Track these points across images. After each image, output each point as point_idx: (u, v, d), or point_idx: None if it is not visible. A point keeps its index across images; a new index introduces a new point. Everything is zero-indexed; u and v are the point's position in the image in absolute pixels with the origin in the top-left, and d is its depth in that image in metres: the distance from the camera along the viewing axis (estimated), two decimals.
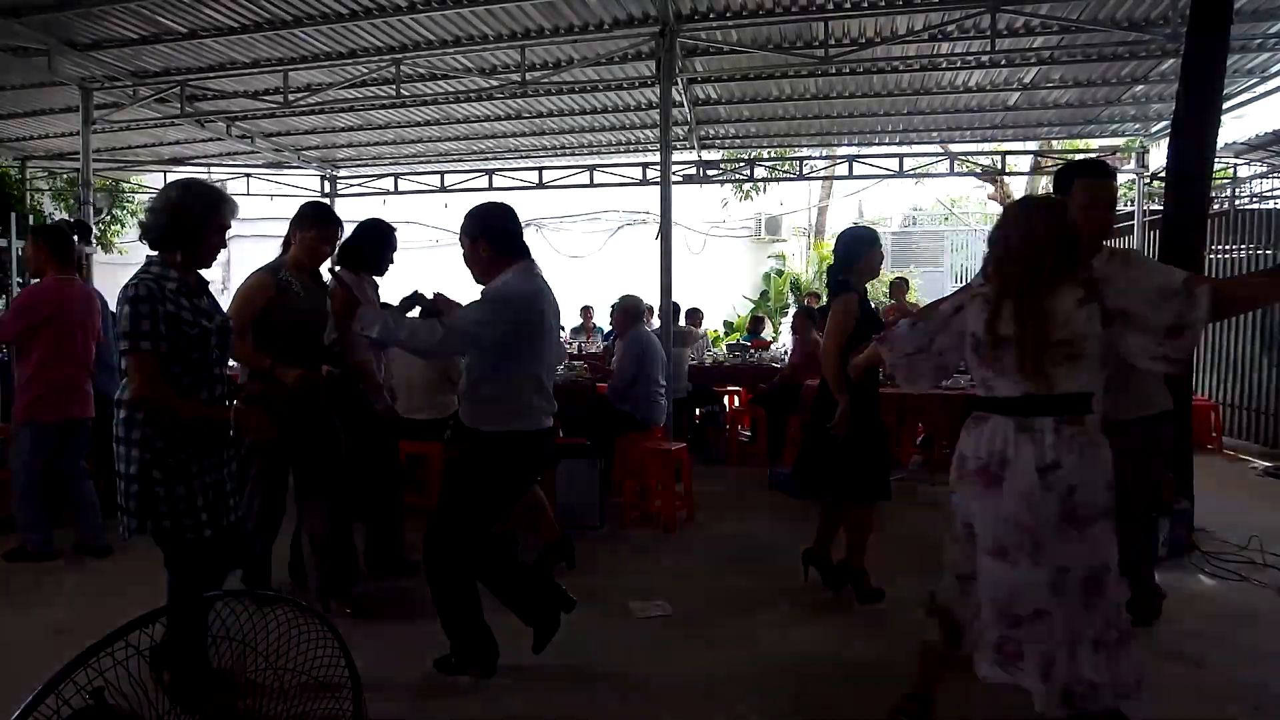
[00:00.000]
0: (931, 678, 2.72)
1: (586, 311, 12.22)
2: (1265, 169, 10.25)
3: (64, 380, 4.33)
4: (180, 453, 2.53)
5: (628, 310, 6.28)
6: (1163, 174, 7.26)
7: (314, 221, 3.58)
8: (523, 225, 3.19)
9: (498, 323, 2.90)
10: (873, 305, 4.27)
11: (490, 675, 3.08)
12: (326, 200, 12.54)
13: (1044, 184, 15.36)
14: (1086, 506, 2.25)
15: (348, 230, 3.93)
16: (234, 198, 2.76)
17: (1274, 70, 7.89)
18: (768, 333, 13.04)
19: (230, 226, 2.65)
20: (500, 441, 2.98)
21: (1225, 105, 7.20)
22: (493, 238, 3.03)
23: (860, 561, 3.96)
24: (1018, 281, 2.33)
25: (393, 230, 4.22)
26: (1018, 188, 15.10)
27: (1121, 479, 2.37)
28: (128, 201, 14.13)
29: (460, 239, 3.09)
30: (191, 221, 2.54)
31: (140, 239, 2.63)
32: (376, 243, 4.12)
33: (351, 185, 13.03)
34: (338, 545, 3.66)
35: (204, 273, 2.76)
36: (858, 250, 3.92)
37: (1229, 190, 10.61)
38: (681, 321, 9.22)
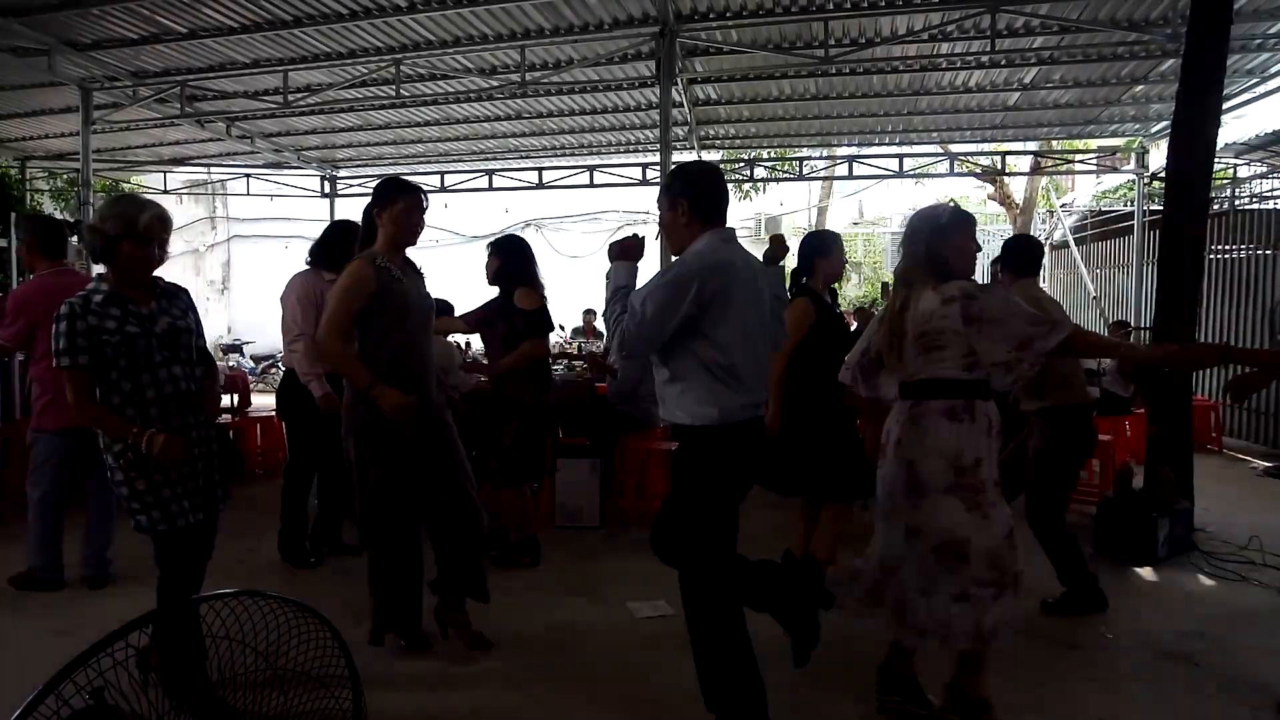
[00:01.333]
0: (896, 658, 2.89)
1: (589, 315, 12.21)
2: (1265, 169, 10.26)
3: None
4: (133, 450, 2.63)
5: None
6: (1163, 174, 7.26)
7: (396, 191, 3.15)
8: (520, 223, 3.03)
9: (671, 294, 2.49)
10: (837, 308, 4.30)
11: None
12: (314, 204, 12.54)
13: (1043, 184, 15.39)
14: (925, 478, 2.60)
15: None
16: (166, 210, 2.76)
17: (1274, 70, 7.89)
18: None
19: (158, 238, 2.69)
20: (696, 435, 2.57)
21: (1225, 105, 7.21)
22: (698, 202, 2.65)
23: (829, 556, 3.96)
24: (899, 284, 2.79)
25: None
26: (1017, 187, 15.11)
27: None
28: None
29: (659, 199, 2.75)
30: (104, 241, 2.66)
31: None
32: (348, 242, 4.05)
33: (351, 185, 13.03)
34: (469, 586, 3.36)
35: (205, 270, 2.77)
36: (812, 255, 3.97)
37: (1229, 190, 10.62)
38: None
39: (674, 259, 2.70)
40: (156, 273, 2.79)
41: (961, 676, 2.72)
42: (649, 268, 2.78)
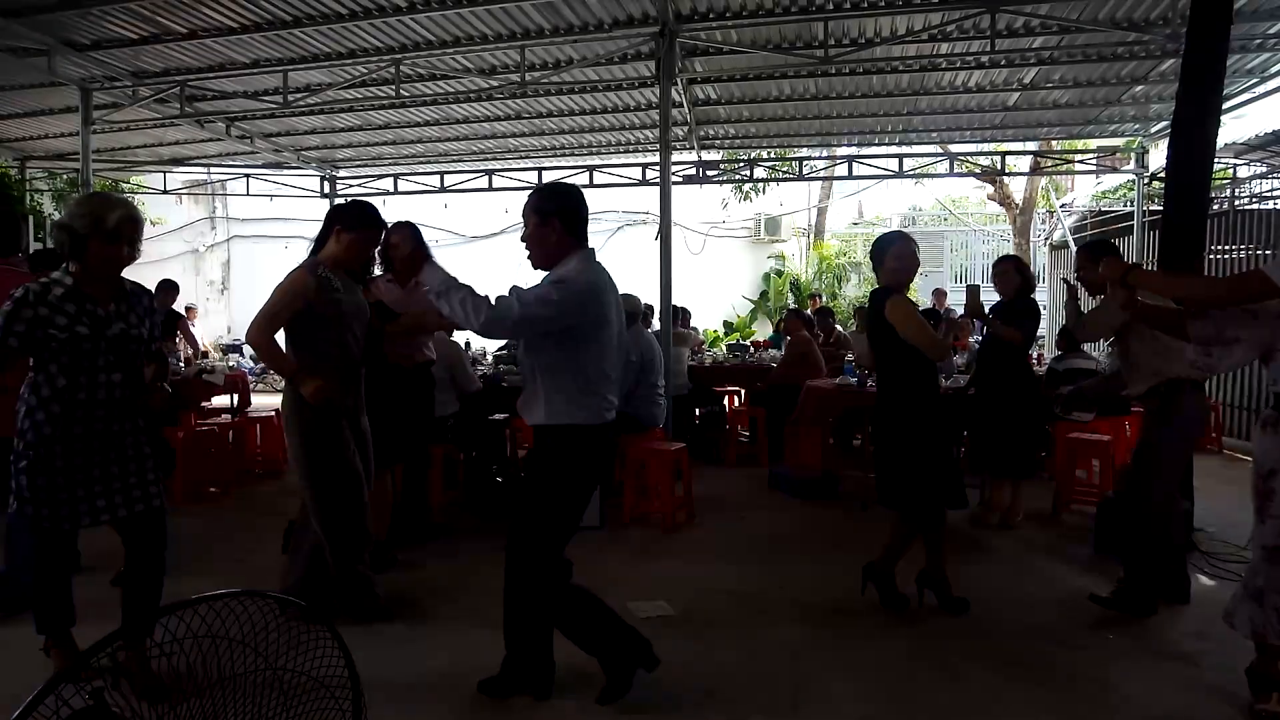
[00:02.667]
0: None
1: None
2: (1265, 169, 10.25)
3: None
4: (47, 445, 2.69)
5: (631, 311, 6.27)
6: (1162, 174, 7.25)
7: (360, 222, 3.48)
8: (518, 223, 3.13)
9: (564, 308, 2.70)
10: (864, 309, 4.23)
11: (545, 698, 2.98)
12: (313, 204, 12.54)
13: (1043, 184, 15.38)
14: None
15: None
16: (136, 210, 2.79)
17: (1274, 70, 7.89)
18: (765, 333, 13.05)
19: (127, 237, 2.71)
20: (564, 435, 2.81)
21: (1225, 105, 7.21)
22: (568, 220, 2.82)
23: (891, 565, 3.85)
24: None
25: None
26: (1017, 188, 15.11)
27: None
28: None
29: (525, 215, 2.88)
30: (74, 237, 2.68)
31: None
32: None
33: (351, 185, 13.03)
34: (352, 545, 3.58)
35: (205, 271, 2.79)
36: (875, 262, 3.89)
37: (1229, 190, 10.61)
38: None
39: (550, 274, 2.84)
40: (126, 272, 2.84)
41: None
42: (649, 268, 2.81)
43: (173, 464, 4.79)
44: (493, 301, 2.67)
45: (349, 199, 3.72)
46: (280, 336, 3.42)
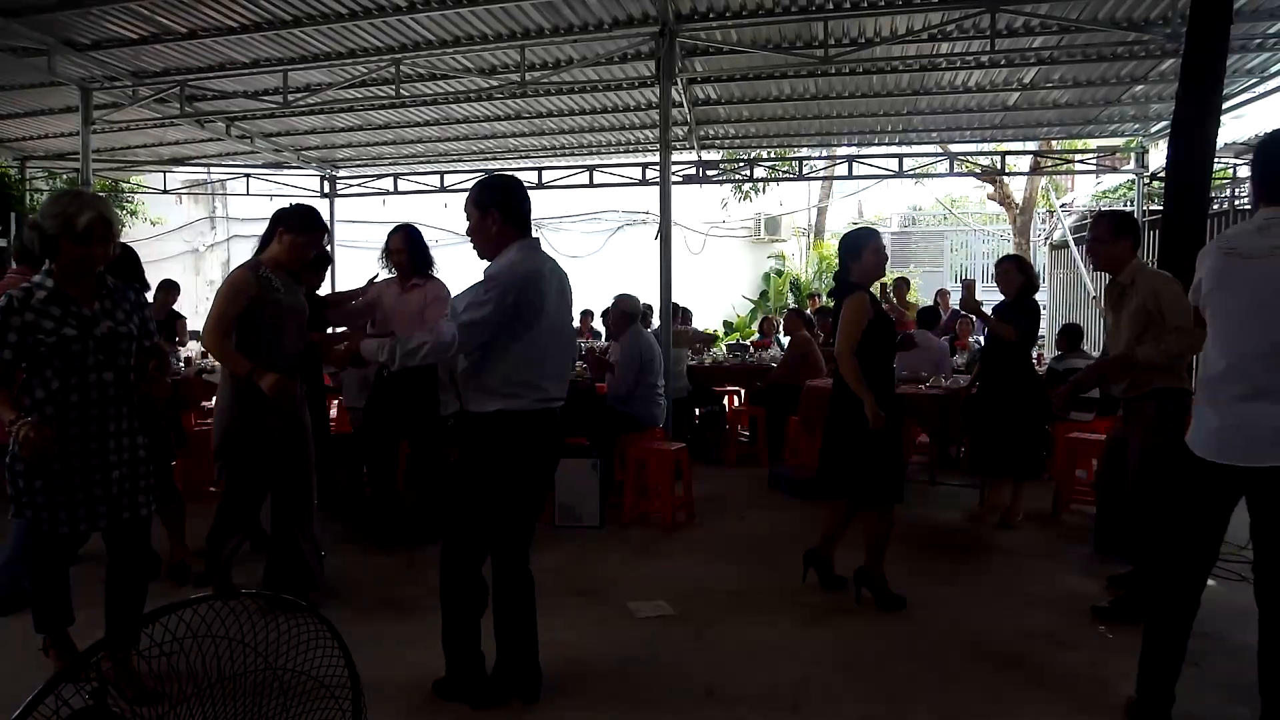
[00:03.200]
0: None
1: (586, 316, 12.19)
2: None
3: None
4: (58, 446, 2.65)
5: (624, 311, 6.28)
6: (1162, 174, 7.25)
7: (302, 226, 3.63)
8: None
9: (500, 304, 2.73)
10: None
11: (479, 707, 2.91)
12: (313, 204, 12.55)
13: (1043, 184, 15.38)
14: None
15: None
16: (109, 208, 2.75)
17: (1274, 70, 7.89)
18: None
19: (100, 237, 2.66)
20: (489, 422, 2.82)
21: (1225, 105, 7.21)
22: (507, 210, 2.87)
23: (879, 567, 3.91)
24: None
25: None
26: (1017, 187, 15.11)
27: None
28: (127, 201, 14.13)
29: (467, 209, 2.93)
30: (44, 237, 2.65)
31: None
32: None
33: (351, 185, 13.04)
34: (288, 543, 3.76)
35: (205, 270, 2.78)
36: (846, 256, 3.93)
37: (1229, 190, 10.61)
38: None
39: (486, 267, 2.89)
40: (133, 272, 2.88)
41: None
42: (649, 268, 2.82)
43: (180, 446, 4.79)
44: (433, 334, 2.78)
45: (294, 203, 3.82)
46: None
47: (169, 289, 8.15)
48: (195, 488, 5.84)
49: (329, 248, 3.86)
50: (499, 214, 2.86)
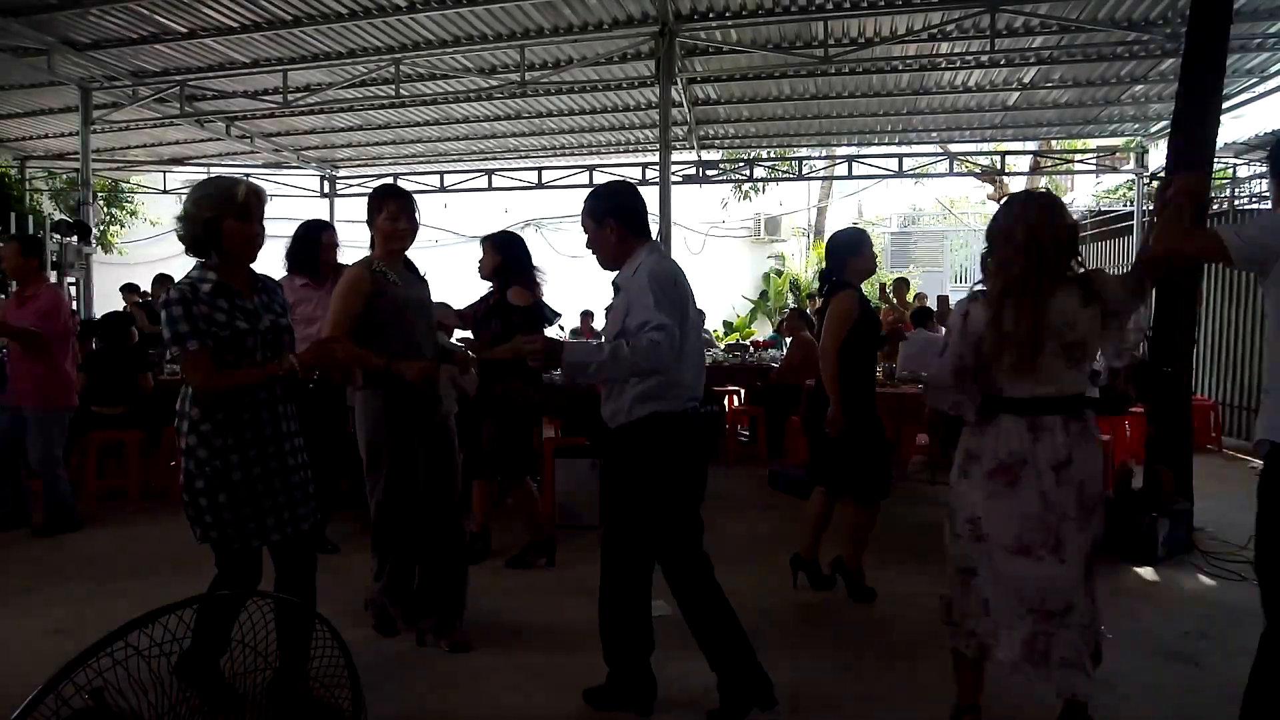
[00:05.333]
0: (971, 686, 2.69)
1: (586, 317, 12.19)
2: (1264, 169, 10.25)
3: None
4: (222, 458, 2.48)
5: None
6: (1162, 174, 7.25)
7: (381, 201, 3.28)
8: (519, 223, 3.13)
9: (672, 299, 2.64)
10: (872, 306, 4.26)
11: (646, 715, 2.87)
12: (313, 204, 12.54)
13: (1043, 184, 15.38)
14: (1093, 496, 2.36)
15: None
16: (257, 186, 2.59)
17: (1273, 70, 7.90)
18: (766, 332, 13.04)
19: (255, 217, 2.53)
20: (649, 427, 2.71)
21: (1225, 105, 7.21)
22: (625, 217, 2.81)
23: (856, 560, 3.98)
24: (1019, 279, 2.34)
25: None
26: (1016, 188, 15.11)
27: None
28: (126, 201, 14.13)
29: (584, 221, 2.90)
30: (201, 227, 2.48)
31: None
32: (518, 253, 4.31)
33: (351, 185, 13.03)
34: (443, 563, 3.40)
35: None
36: (844, 252, 3.94)
37: (1229, 190, 10.61)
38: None
39: (621, 271, 2.82)
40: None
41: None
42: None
43: (334, 480, 4.85)
44: (634, 346, 2.53)
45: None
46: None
47: (163, 282, 8.13)
48: None
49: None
50: (615, 221, 2.81)
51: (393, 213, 3.24)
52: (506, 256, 4.38)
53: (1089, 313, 2.31)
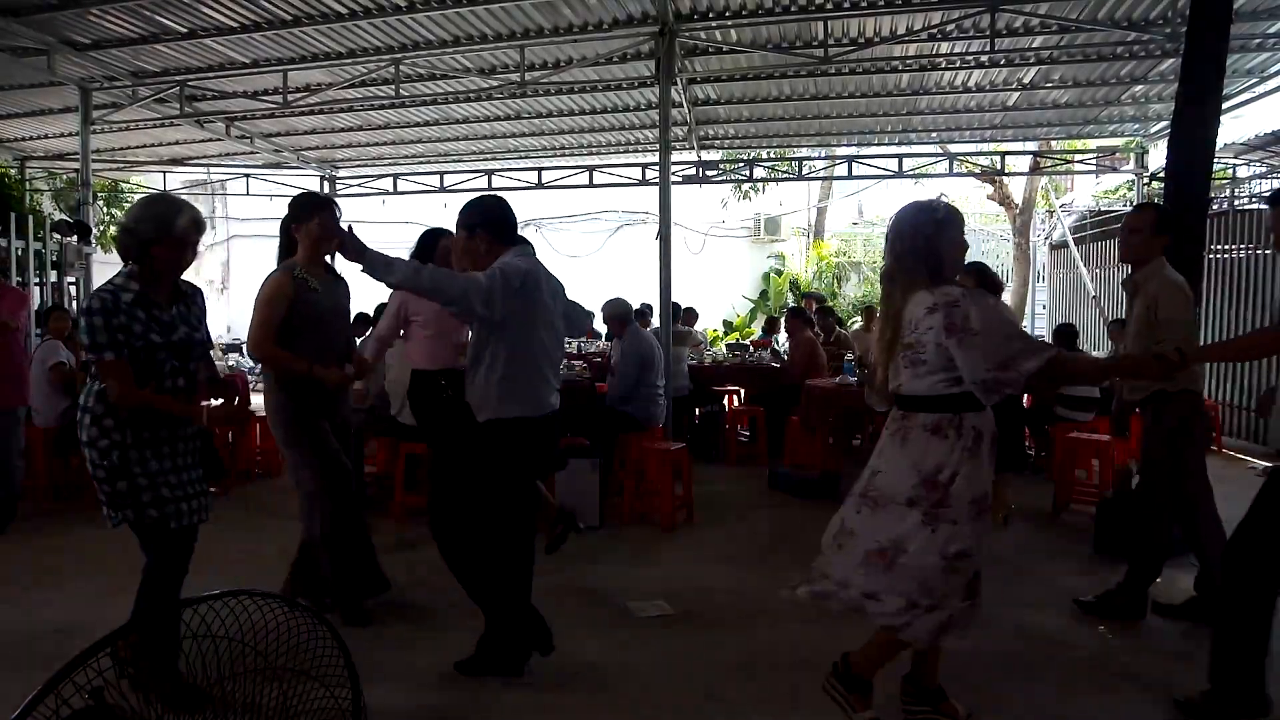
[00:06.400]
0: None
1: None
2: (1264, 169, 10.26)
3: None
4: (145, 449, 2.64)
5: (619, 316, 6.28)
6: (1162, 174, 7.25)
7: (311, 209, 3.47)
8: (519, 222, 3.18)
9: (506, 292, 2.82)
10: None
11: (518, 675, 3.06)
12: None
13: (1043, 184, 15.38)
14: (882, 490, 2.56)
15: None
16: (200, 212, 2.75)
17: (1273, 70, 7.90)
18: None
19: (192, 241, 2.68)
20: (506, 429, 2.93)
21: (1225, 105, 7.21)
22: (492, 228, 3.02)
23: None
24: (885, 285, 2.63)
25: (439, 234, 4.35)
26: (1017, 188, 15.10)
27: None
28: (126, 201, 14.13)
29: (455, 232, 3.08)
30: (137, 243, 2.63)
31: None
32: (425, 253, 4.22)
33: (351, 185, 13.04)
34: (348, 548, 3.59)
35: (205, 270, 2.77)
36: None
37: (1228, 190, 10.62)
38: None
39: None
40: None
41: (915, 669, 2.78)
42: (649, 268, 2.83)
43: (223, 470, 4.92)
44: (441, 271, 2.84)
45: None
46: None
47: None
48: None
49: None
50: (486, 233, 3.00)
51: (324, 224, 3.41)
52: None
53: (928, 320, 2.44)
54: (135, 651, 2.48)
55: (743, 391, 9.06)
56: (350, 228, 2.92)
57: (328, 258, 3.55)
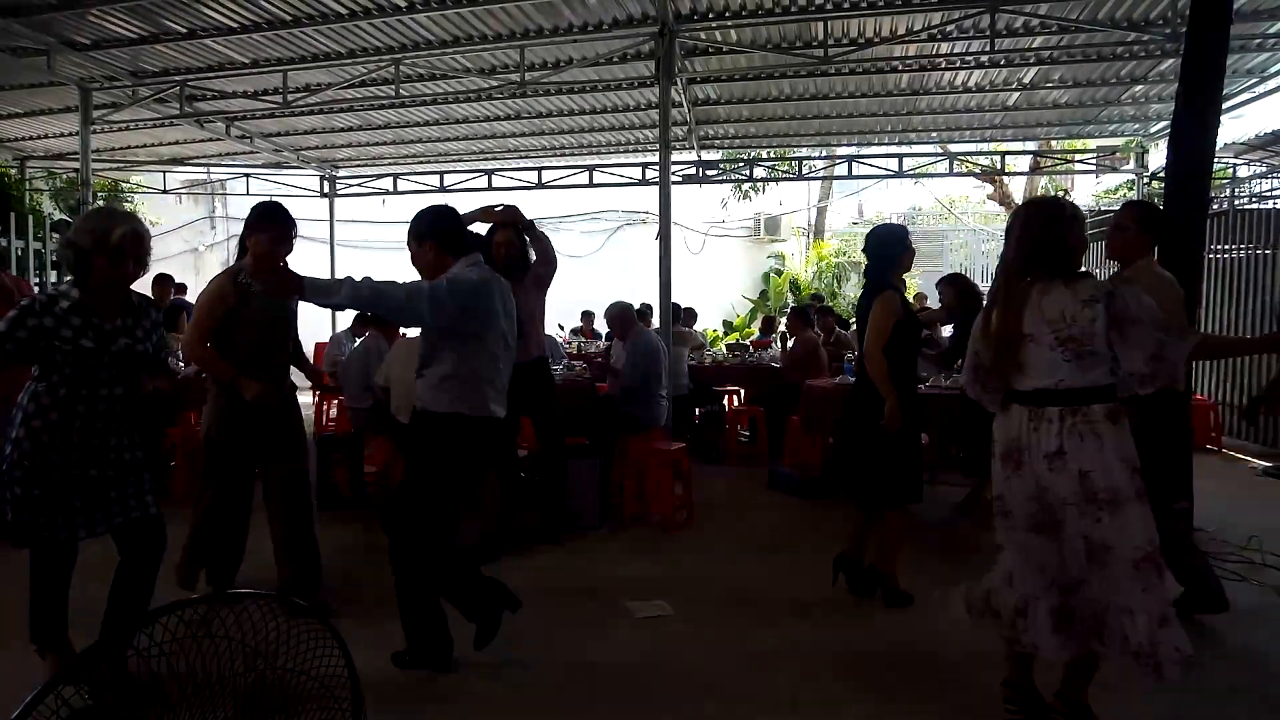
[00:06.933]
0: (1023, 667, 2.77)
1: (587, 317, 12.17)
2: (1264, 169, 10.26)
3: None
4: (43, 455, 2.66)
5: (623, 318, 6.28)
6: (1162, 174, 7.25)
7: (267, 222, 3.53)
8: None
9: (454, 298, 2.92)
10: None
11: (445, 671, 3.11)
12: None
13: (1043, 184, 15.39)
14: (1103, 490, 2.42)
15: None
16: (142, 225, 2.78)
17: (1273, 70, 7.89)
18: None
19: (132, 255, 2.71)
20: (444, 423, 3.03)
21: (1225, 105, 7.21)
22: (440, 237, 3.11)
23: (891, 565, 3.92)
24: (1005, 278, 2.58)
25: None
26: (1017, 187, 15.11)
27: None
28: (126, 201, 14.11)
29: (408, 241, 3.17)
30: (74, 255, 2.70)
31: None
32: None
33: (351, 185, 13.04)
34: (300, 547, 3.74)
35: (205, 270, 2.81)
36: (896, 250, 3.89)
37: (1228, 190, 10.61)
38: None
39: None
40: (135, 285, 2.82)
41: (1071, 684, 2.70)
42: (648, 267, 2.83)
43: (165, 474, 5.01)
44: (382, 283, 2.83)
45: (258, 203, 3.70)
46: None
47: (163, 283, 8.14)
48: (194, 488, 5.82)
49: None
50: (434, 243, 3.10)
51: (278, 236, 3.50)
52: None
53: (1089, 312, 2.42)
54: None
55: (743, 391, 9.06)
56: (286, 263, 3.10)
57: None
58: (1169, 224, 3.81)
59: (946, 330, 6.68)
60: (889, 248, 3.88)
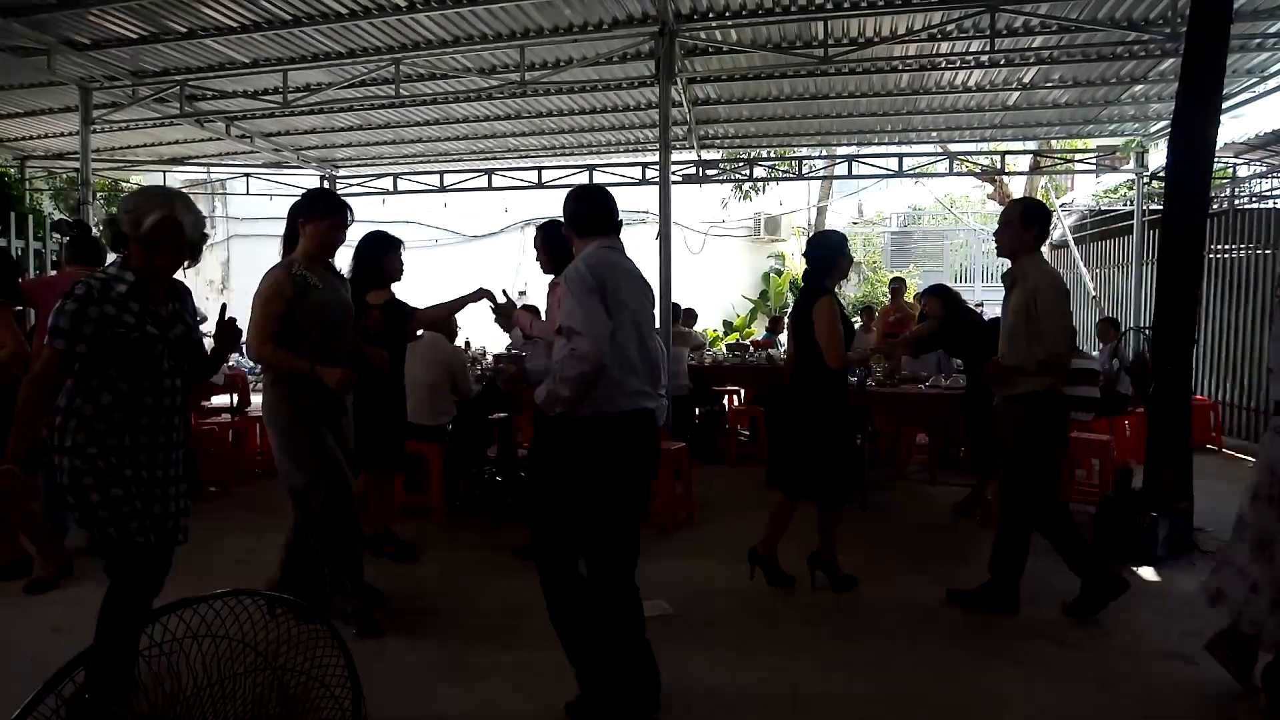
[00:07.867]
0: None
1: None
2: (1264, 169, 10.25)
3: None
4: (117, 455, 2.41)
5: None
6: (1162, 174, 7.25)
7: (324, 210, 3.37)
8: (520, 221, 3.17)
9: (585, 299, 2.62)
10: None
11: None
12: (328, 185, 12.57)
13: (1043, 184, 15.38)
14: None
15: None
16: (180, 212, 2.48)
17: (1273, 70, 7.89)
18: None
19: (166, 244, 2.44)
20: (585, 428, 2.68)
21: (1225, 105, 7.21)
22: (574, 221, 2.87)
23: (831, 551, 4.13)
24: None
25: (388, 239, 4.28)
26: (1017, 187, 15.10)
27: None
28: None
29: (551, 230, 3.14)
30: (115, 237, 2.46)
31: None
32: (378, 254, 4.18)
33: (351, 185, 13.03)
34: (348, 556, 3.47)
35: (205, 270, 2.70)
36: (834, 255, 4.06)
37: (1228, 190, 10.61)
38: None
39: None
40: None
41: None
42: (648, 267, 2.79)
43: (199, 490, 4.93)
44: (566, 353, 2.57)
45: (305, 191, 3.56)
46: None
47: None
48: (193, 488, 5.84)
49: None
50: (570, 227, 2.86)
51: (336, 224, 3.36)
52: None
53: None
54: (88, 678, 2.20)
55: (743, 391, 9.06)
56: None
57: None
58: (1047, 217, 3.87)
59: None
60: (828, 252, 4.06)
